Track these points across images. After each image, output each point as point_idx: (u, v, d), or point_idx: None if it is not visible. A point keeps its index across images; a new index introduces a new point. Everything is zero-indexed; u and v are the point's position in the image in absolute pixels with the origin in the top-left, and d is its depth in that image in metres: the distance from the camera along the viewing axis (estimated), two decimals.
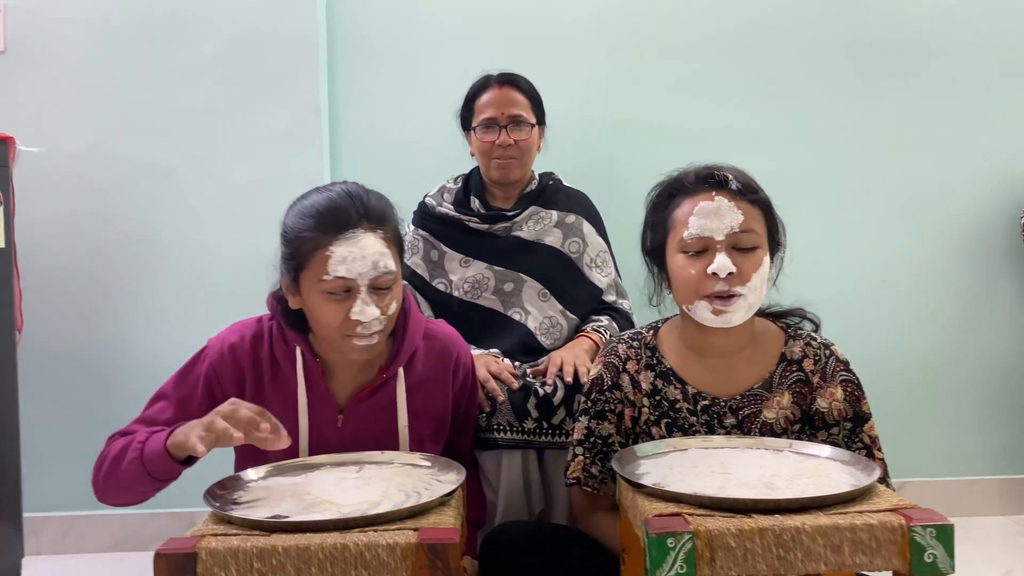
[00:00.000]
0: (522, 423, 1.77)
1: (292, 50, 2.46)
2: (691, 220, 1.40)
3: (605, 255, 2.13)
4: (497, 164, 2.05)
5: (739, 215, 1.39)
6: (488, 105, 2.04)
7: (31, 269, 2.26)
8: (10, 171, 1.99)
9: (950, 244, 2.62)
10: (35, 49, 2.43)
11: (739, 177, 1.43)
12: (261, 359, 1.47)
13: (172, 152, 2.45)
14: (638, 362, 1.51)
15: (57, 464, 2.43)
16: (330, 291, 1.36)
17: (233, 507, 1.17)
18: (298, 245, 1.38)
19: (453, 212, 2.10)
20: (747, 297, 1.39)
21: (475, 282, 2.05)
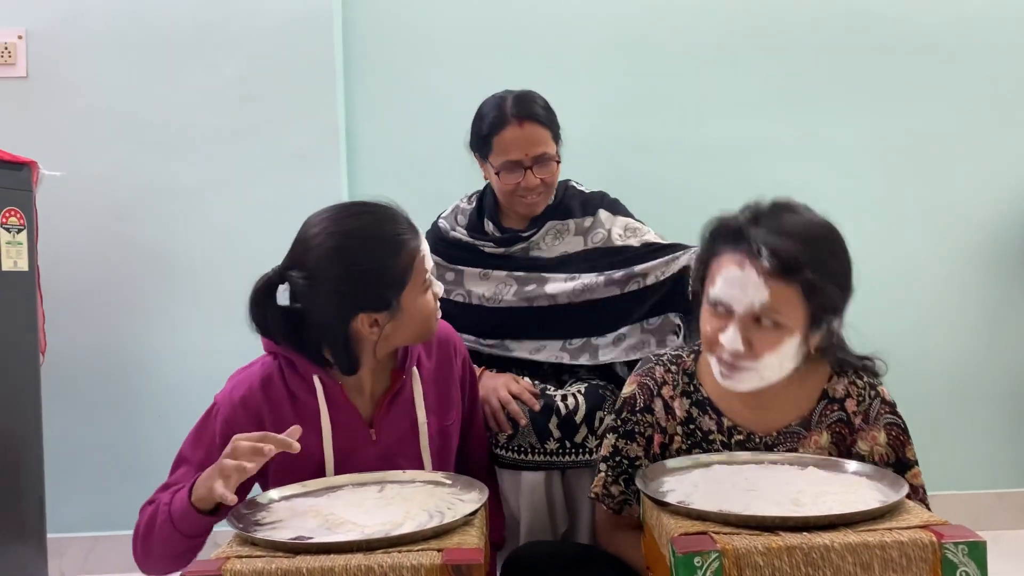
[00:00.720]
0: (544, 444, 1.74)
1: (310, 72, 2.49)
2: (717, 280, 1.31)
3: (633, 225, 1.99)
4: (524, 204, 1.93)
5: (764, 294, 1.26)
6: (511, 146, 1.87)
7: (54, 291, 2.28)
8: (33, 195, 2.02)
9: (973, 253, 2.59)
10: (57, 75, 2.46)
11: (780, 250, 1.26)
12: (277, 399, 1.45)
13: (193, 173, 2.47)
14: (674, 388, 1.46)
15: (80, 485, 2.44)
16: (428, 285, 1.45)
17: (256, 528, 1.17)
18: (392, 273, 1.39)
19: (466, 238, 2.01)
20: (758, 372, 1.31)
21: (496, 290, 1.96)
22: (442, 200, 2.39)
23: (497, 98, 1.93)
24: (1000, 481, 2.58)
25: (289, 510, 1.25)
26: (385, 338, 1.43)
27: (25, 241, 1.97)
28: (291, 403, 1.45)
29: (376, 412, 1.48)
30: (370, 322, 1.40)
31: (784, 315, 1.28)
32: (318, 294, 1.39)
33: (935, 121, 2.59)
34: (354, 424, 1.46)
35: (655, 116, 2.58)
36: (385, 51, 2.59)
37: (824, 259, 1.30)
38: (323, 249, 1.38)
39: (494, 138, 1.89)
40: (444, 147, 2.54)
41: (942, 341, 2.58)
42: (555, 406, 1.76)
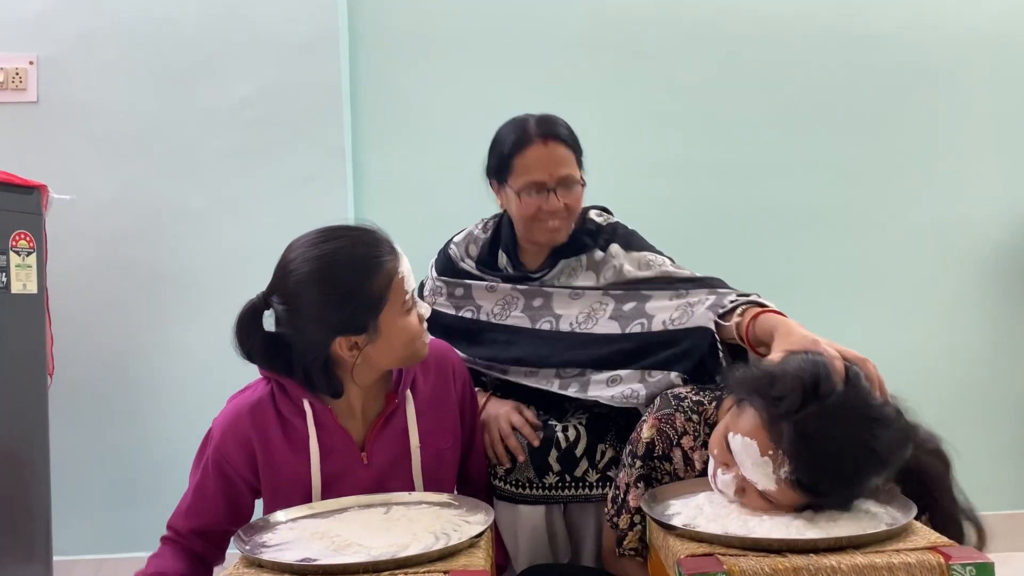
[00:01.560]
0: (542, 479, 1.68)
1: (317, 96, 2.51)
2: (736, 439, 1.21)
3: (646, 259, 1.84)
4: (545, 230, 1.80)
5: (772, 485, 1.17)
6: (534, 167, 1.76)
7: (63, 314, 2.29)
8: (43, 218, 2.04)
9: (979, 271, 2.59)
10: (67, 100, 2.49)
11: (801, 479, 1.15)
12: (266, 425, 1.45)
13: (201, 196, 2.49)
14: (695, 439, 1.43)
15: (87, 507, 2.44)
16: (410, 307, 1.45)
17: (263, 550, 1.17)
18: (369, 294, 1.39)
19: (475, 271, 1.93)
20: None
21: (504, 303, 1.88)
22: (448, 222, 2.40)
23: (518, 120, 1.83)
24: (1009, 502, 2.56)
25: (295, 532, 1.25)
26: (367, 362, 1.43)
27: (34, 264, 1.99)
28: (281, 428, 1.45)
29: (368, 435, 1.48)
30: (349, 345, 1.40)
31: (780, 501, 1.17)
32: (298, 319, 1.39)
33: (941, 138, 2.60)
34: (345, 448, 1.46)
35: (662, 136, 2.59)
36: (392, 74, 2.61)
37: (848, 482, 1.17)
38: (300, 274, 1.38)
39: (515, 158, 1.78)
40: (450, 170, 2.56)
41: (947, 362, 2.57)
42: (555, 438, 1.70)
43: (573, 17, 2.61)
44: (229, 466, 1.46)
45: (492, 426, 1.73)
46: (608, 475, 1.67)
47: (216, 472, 1.46)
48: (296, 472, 1.43)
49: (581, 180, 1.81)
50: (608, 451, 1.69)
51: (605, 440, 1.70)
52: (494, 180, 1.87)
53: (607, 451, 1.69)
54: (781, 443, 1.14)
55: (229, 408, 1.48)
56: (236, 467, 1.45)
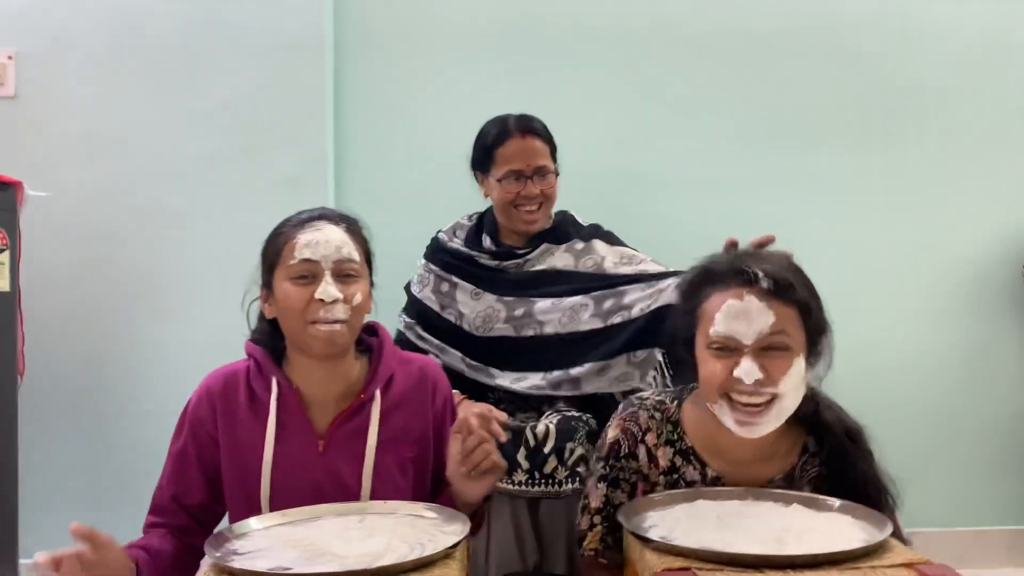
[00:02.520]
0: (511, 475, 1.72)
1: (299, 98, 2.49)
2: (718, 318, 1.30)
3: (629, 253, 2.05)
4: (523, 215, 2.00)
5: (770, 317, 1.28)
6: (513, 156, 1.98)
7: (36, 314, 2.26)
8: (17, 215, 2.01)
9: (957, 292, 2.62)
10: (46, 96, 2.46)
11: (773, 273, 1.30)
12: (234, 394, 1.48)
13: (179, 198, 2.47)
14: (658, 436, 1.44)
15: (56, 509, 2.40)
16: (297, 275, 1.42)
17: (234, 557, 1.15)
18: (271, 245, 1.48)
19: (463, 248, 2.08)
20: (780, 401, 1.29)
21: (486, 316, 2.00)
22: (430, 227, 2.40)
23: (499, 117, 2.04)
24: (979, 519, 2.59)
25: (268, 539, 1.23)
26: (282, 314, 1.46)
27: (8, 262, 1.96)
28: (248, 399, 1.48)
29: (330, 425, 1.47)
30: (263, 296, 1.50)
31: (790, 337, 1.29)
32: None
33: (922, 161, 2.62)
34: (302, 430, 1.46)
35: (647, 151, 2.60)
36: (376, 78, 2.60)
37: (806, 282, 1.36)
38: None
39: (497, 150, 1.99)
40: (433, 173, 2.56)
41: (925, 379, 2.60)
42: (524, 437, 1.75)
43: (560, 25, 2.61)
44: (202, 429, 1.47)
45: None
46: (577, 471, 1.71)
47: (191, 436, 1.48)
48: (252, 444, 1.45)
49: (555, 170, 2.02)
50: (578, 449, 1.74)
51: (575, 439, 1.76)
52: (478, 171, 2.08)
53: (576, 448, 1.74)
54: (749, 269, 1.30)
55: (206, 377, 1.53)
56: (208, 431, 1.47)
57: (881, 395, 2.53)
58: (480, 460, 1.37)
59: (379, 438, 1.47)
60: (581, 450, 1.74)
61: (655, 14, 2.61)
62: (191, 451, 1.48)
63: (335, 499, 1.42)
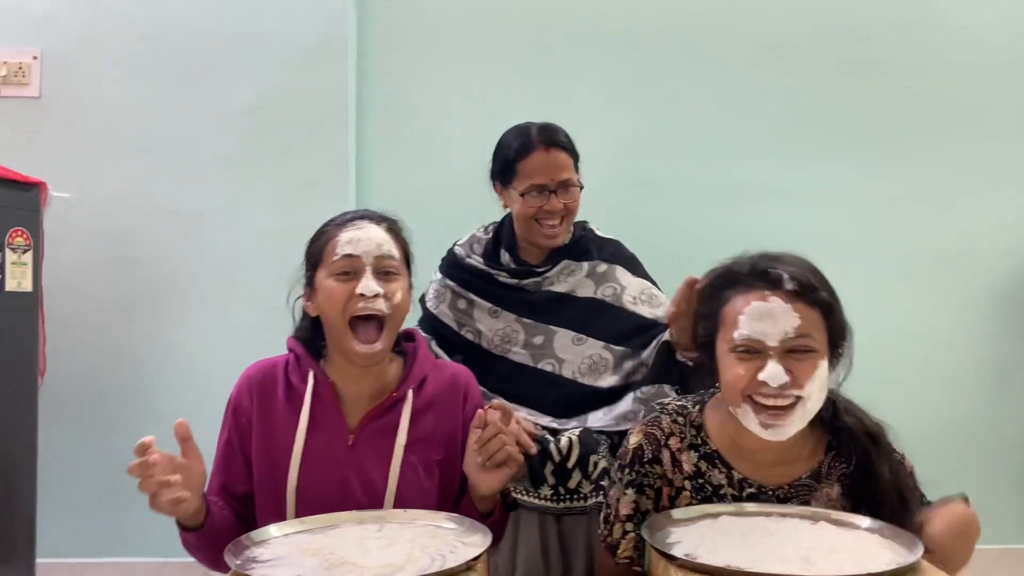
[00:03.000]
0: (538, 490, 1.72)
1: (322, 103, 2.50)
2: (742, 320, 1.28)
3: (651, 291, 1.98)
4: (545, 230, 1.91)
5: (795, 319, 1.26)
6: (536, 170, 1.89)
7: (57, 314, 2.27)
8: (41, 216, 2.02)
9: (977, 304, 2.59)
10: (70, 96, 2.47)
11: (797, 275, 1.29)
12: (272, 385, 1.51)
13: (201, 199, 2.47)
14: (681, 440, 1.42)
15: (73, 509, 2.41)
16: (339, 271, 1.44)
17: (254, 565, 1.14)
18: (315, 244, 1.50)
19: (482, 265, 2.00)
20: (804, 404, 1.27)
21: (504, 335, 1.95)
22: (450, 234, 2.38)
23: (521, 127, 1.95)
24: (1003, 537, 2.55)
25: (287, 547, 1.22)
26: (324, 311, 1.47)
27: (30, 262, 1.97)
28: (285, 390, 1.50)
29: (362, 420, 1.49)
30: (306, 295, 1.51)
31: (814, 339, 1.28)
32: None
33: (942, 170, 2.60)
34: (334, 424, 1.48)
35: (663, 157, 2.59)
36: (398, 80, 2.60)
37: (827, 284, 1.34)
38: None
39: (519, 163, 1.90)
40: (454, 180, 2.55)
41: (949, 392, 2.57)
42: (548, 452, 1.73)
43: (580, 29, 2.61)
44: (243, 417, 1.50)
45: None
46: (601, 485, 1.69)
47: (234, 425, 1.51)
48: (285, 434, 1.47)
49: (579, 183, 1.93)
50: (601, 462, 1.73)
51: (597, 452, 1.74)
52: (498, 183, 1.99)
53: (600, 462, 1.73)
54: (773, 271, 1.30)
55: (247, 368, 1.55)
56: (248, 418, 1.50)
57: (904, 408, 2.46)
58: (495, 451, 1.37)
59: (408, 438, 1.48)
60: (604, 463, 1.73)
61: (674, 20, 2.60)
62: (235, 440, 1.51)
63: (360, 494, 1.45)
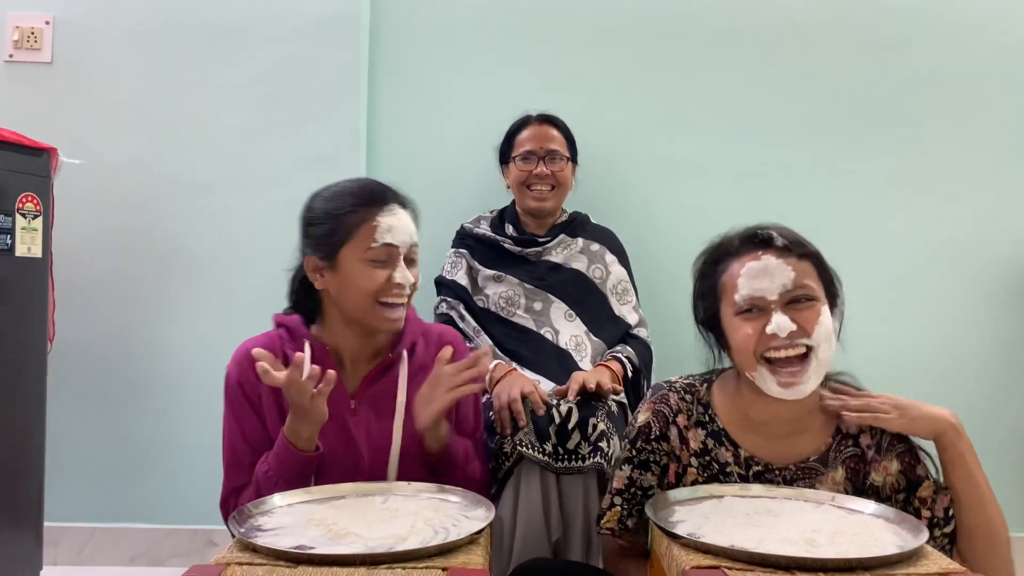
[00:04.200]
0: (543, 445, 1.77)
1: (334, 74, 2.48)
2: (740, 282, 1.33)
3: (627, 284, 2.24)
4: (534, 194, 2.19)
5: (790, 271, 1.31)
6: (528, 140, 2.21)
7: (67, 280, 2.27)
8: (51, 182, 2.01)
9: (990, 293, 2.56)
10: (82, 62, 2.46)
11: (784, 233, 1.36)
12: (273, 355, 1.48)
13: (212, 170, 2.46)
14: (688, 417, 1.43)
15: (80, 475, 2.43)
16: (375, 258, 1.47)
17: (258, 534, 1.15)
18: (339, 221, 1.48)
19: (489, 232, 2.24)
20: (816, 354, 1.31)
21: (508, 298, 2.16)
22: (461, 206, 2.39)
23: (524, 114, 2.27)
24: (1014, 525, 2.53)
25: (291, 517, 1.23)
26: (333, 297, 1.50)
27: (40, 228, 1.96)
28: (285, 363, 1.47)
29: (360, 384, 1.54)
30: (314, 266, 1.51)
31: (812, 288, 1.33)
32: (300, 237, 1.56)
33: (959, 157, 2.56)
34: (338, 391, 1.49)
35: (676, 137, 2.56)
36: (411, 56, 2.57)
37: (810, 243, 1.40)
38: (311, 200, 1.56)
39: (516, 136, 2.24)
40: (465, 156, 2.54)
41: (957, 379, 2.54)
42: (550, 413, 1.80)
43: (593, 9, 2.57)
44: (252, 391, 1.50)
45: (502, 393, 1.83)
46: (599, 446, 1.76)
47: (245, 400, 1.51)
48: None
49: (568, 156, 2.21)
50: (600, 424, 1.78)
51: (596, 415, 1.79)
52: (503, 165, 2.30)
53: (599, 424, 1.78)
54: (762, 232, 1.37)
55: (238, 350, 1.55)
56: (258, 391, 1.50)
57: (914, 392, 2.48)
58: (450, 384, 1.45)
59: (407, 397, 1.53)
60: (603, 426, 1.78)
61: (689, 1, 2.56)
62: (247, 414, 1.51)
63: (367, 456, 1.49)
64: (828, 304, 1.36)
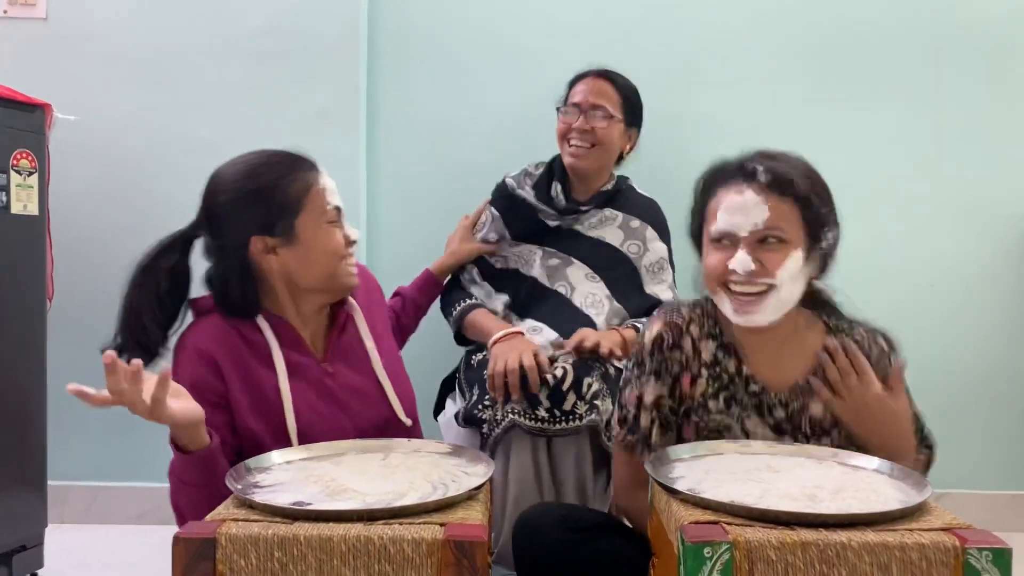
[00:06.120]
0: (535, 411, 1.76)
1: (334, 30, 2.43)
2: (719, 214, 1.37)
3: (663, 262, 2.12)
4: (571, 150, 2.05)
5: (765, 211, 1.33)
6: (578, 92, 2.06)
7: (65, 238, 2.25)
8: (46, 138, 1.99)
9: (1001, 251, 2.53)
10: (77, 18, 2.42)
11: (773, 168, 1.35)
12: (231, 342, 1.46)
13: (211, 127, 2.43)
14: (700, 329, 1.45)
15: (84, 433, 2.44)
16: (331, 220, 1.47)
17: (255, 490, 1.14)
18: (284, 194, 1.43)
19: (532, 199, 2.10)
20: (778, 292, 1.34)
21: (521, 255, 2.10)
22: (462, 165, 2.36)
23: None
24: (1015, 483, 2.53)
25: (289, 473, 1.22)
26: (290, 274, 1.45)
27: (36, 185, 1.94)
28: (246, 345, 1.46)
29: (327, 347, 1.53)
30: (264, 247, 1.44)
31: (785, 230, 1.33)
32: (219, 225, 1.46)
33: (972, 116, 2.51)
34: (307, 360, 1.48)
35: (688, 94, 2.51)
36: (411, 10, 2.53)
37: (811, 177, 1.39)
38: (224, 180, 1.48)
39: (572, 87, 2.09)
40: (466, 113, 2.51)
41: (964, 339, 2.53)
42: (546, 379, 1.78)
43: None
44: (209, 390, 1.42)
45: (500, 358, 1.79)
46: (595, 404, 1.75)
47: (201, 401, 1.40)
48: (268, 385, 1.45)
49: (614, 115, 2.04)
50: (594, 384, 1.77)
51: (591, 375, 1.79)
52: (559, 113, 2.11)
53: (593, 384, 1.77)
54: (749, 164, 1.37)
55: (185, 343, 1.47)
56: (215, 389, 1.43)
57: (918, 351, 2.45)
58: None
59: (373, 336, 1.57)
60: (597, 385, 1.78)
61: None
62: (215, 420, 1.39)
63: (360, 412, 1.49)
64: (807, 247, 1.36)
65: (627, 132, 2.10)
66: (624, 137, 2.09)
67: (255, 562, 0.98)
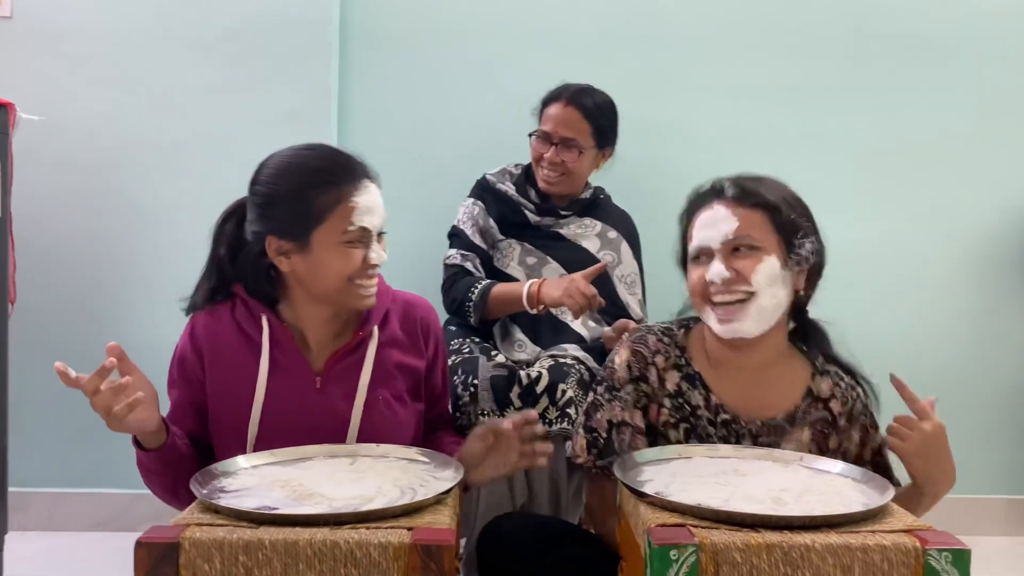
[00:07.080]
0: (503, 412, 1.75)
1: (305, 31, 2.42)
2: (694, 232, 1.42)
3: (635, 277, 2.16)
4: (544, 175, 2.09)
5: (734, 221, 1.37)
6: (549, 119, 2.08)
7: (29, 241, 2.21)
8: (9, 138, 1.95)
9: (973, 256, 2.57)
10: (43, 16, 2.39)
11: (739, 181, 1.41)
12: (219, 328, 1.47)
13: (179, 128, 2.41)
14: (666, 359, 1.45)
15: (46, 439, 2.40)
16: (352, 240, 1.40)
17: (220, 495, 1.13)
18: (308, 202, 1.38)
19: (513, 193, 2.14)
20: (757, 299, 1.35)
21: (503, 250, 2.12)
22: (435, 168, 2.35)
23: (569, 84, 2.11)
24: (976, 487, 2.57)
25: (255, 478, 1.21)
26: (298, 278, 1.43)
27: None
28: (237, 332, 1.47)
29: (327, 364, 1.47)
30: (278, 249, 1.41)
31: (756, 237, 1.36)
32: (251, 211, 1.45)
33: (941, 122, 2.55)
34: (299, 368, 1.45)
35: (658, 100, 2.52)
36: (383, 12, 2.52)
37: (781, 189, 1.43)
38: (267, 169, 1.44)
39: (545, 108, 2.11)
40: (438, 115, 2.51)
41: (938, 342, 2.56)
42: (517, 376, 1.78)
43: None
44: (190, 369, 1.47)
45: (564, 288, 1.84)
46: (567, 412, 1.75)
47: (181, 378, 1.48)
48: (243, 380, 1.43)
49: (583, 147, 2.06)
50: (568, 391, 1.77)
51: (566, 381, 1.79)
52: (530, 136, 2.13)
53: (567, 391, 1.77)
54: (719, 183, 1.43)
55: (190, 321, 1.52)
56: (196, 373, 1.46)
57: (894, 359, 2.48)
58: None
59: (374, 374, 1.47)
60: (572, 392, 1.78)
61: None
62: (184, 396, 1.47)
63: (333, 435, 1.42)
64: (782, 254, 1.38)
65: (601, 152, 2.13)
66: (598, 157, 2.14)
67: (219, 567, 0.97)
